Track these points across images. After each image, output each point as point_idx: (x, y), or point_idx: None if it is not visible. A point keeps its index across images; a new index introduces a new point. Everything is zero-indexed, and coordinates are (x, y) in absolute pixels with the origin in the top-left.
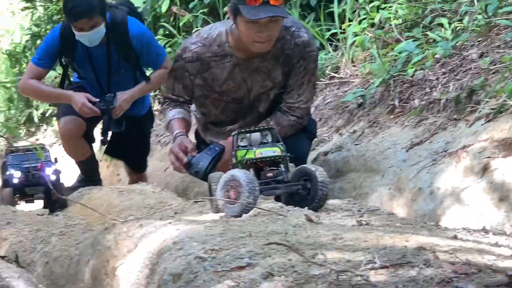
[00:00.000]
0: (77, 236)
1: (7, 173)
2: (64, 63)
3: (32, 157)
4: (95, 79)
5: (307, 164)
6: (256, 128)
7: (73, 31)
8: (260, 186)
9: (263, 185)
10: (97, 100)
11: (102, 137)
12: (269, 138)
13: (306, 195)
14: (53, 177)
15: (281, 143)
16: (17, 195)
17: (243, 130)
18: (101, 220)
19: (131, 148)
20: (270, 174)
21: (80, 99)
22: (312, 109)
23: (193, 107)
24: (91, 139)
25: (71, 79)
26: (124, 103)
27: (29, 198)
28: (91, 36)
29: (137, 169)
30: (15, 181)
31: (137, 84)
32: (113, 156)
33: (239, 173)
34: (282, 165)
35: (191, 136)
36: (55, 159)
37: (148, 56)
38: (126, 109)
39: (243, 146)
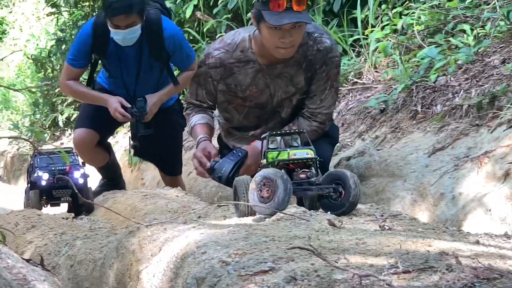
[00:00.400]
0: (102, 240)
1: (35, 175)
2: (93, 60)
3: (60, 160)
4: (122, 78)
5: (346, 171)
6: (287, 131)
7: (109, 27)
8: (293, 186)
9: (296, 186)
10: (129, 106)
11: (133, 142)
12: (299, 142)
13: (336, 198)
14: (80, 181)
15: (311, 146)
16: (44, 198)
17: (274, 133)
18: (125, 224)
19: (161, 146)
20: (303, 176)
21: (114, 104)
22: (334, 114)
23: (216, 112)
24: (108, 147)
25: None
26: (153, 107)
27: (55, 202)
28: (126, 34)
29: (170, 172)
30: (43, 183)
31: (159, 84)
32: (143, 158)
33: (274, 173)
34: (313, 168)
35: (214, 141)
36: (83, 162)
37: (179, 57)
38: (155, 112)
39: (273, 148)
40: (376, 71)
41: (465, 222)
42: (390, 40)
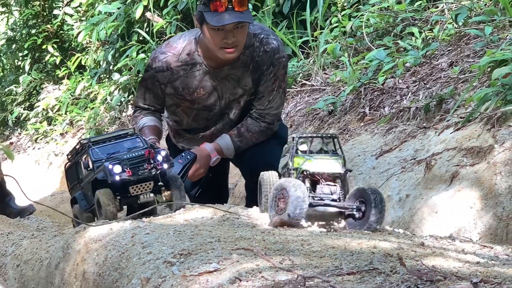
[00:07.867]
0: (48, 239)
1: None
2: None
3: (122, 147)
4: None
5: (375, 189)
6: (319, 135)
7: None
8: (314, 200)
9: (317, 200)
10: None
11: None
12: (331, 147)
13: (359, 217)
14: (165, 167)
15: (342, 155)
16: (118, 198)
17: (304, 135)
18: (72, 224)
19: None
20: (326, 190)
21: None
22: (283, 116)
23: (165, 113)
24: None
25: None
26: None
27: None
28: None
29: None
30: (117, 178)
31: None
32: None
33: (289, 184)
34: (339, 181)
35: (162, 142)
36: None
37: None
38: None
39: (302, 151)
40: (324, 73)
41: (411, 224)
42: (339, 42)
